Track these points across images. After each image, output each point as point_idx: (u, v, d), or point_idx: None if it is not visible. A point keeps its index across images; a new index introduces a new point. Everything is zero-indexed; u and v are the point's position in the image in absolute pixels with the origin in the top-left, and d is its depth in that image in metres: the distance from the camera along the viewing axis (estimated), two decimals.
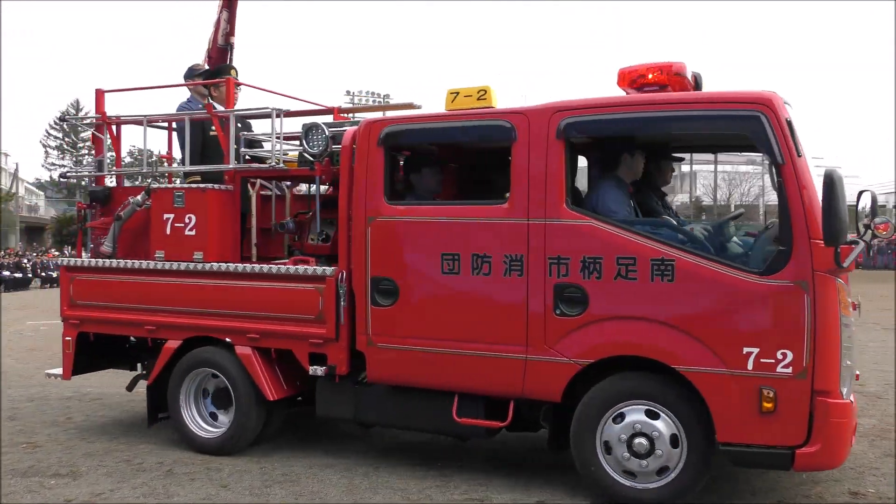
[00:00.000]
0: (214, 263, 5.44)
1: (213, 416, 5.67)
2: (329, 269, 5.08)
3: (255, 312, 5.33)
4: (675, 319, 4.21)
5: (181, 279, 5.55)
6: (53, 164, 61.03)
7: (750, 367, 4.05)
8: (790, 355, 3.98)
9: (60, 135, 61.10)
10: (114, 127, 6.16)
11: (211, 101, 6.20)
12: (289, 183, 6.33)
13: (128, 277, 5.77)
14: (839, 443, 4.05)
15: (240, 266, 5.39)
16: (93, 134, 6.24)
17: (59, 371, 6.22)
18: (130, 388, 6.46)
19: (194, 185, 5.58)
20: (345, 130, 5.21)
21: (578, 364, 4.41)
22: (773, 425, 4.03)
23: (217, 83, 6.17)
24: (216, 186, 5.53)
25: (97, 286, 5.92)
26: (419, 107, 6.13)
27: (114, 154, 6.33)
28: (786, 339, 4.00)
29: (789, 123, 4.01)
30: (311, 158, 5.20)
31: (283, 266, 5.27)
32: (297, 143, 6.26)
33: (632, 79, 4.61)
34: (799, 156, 3.99)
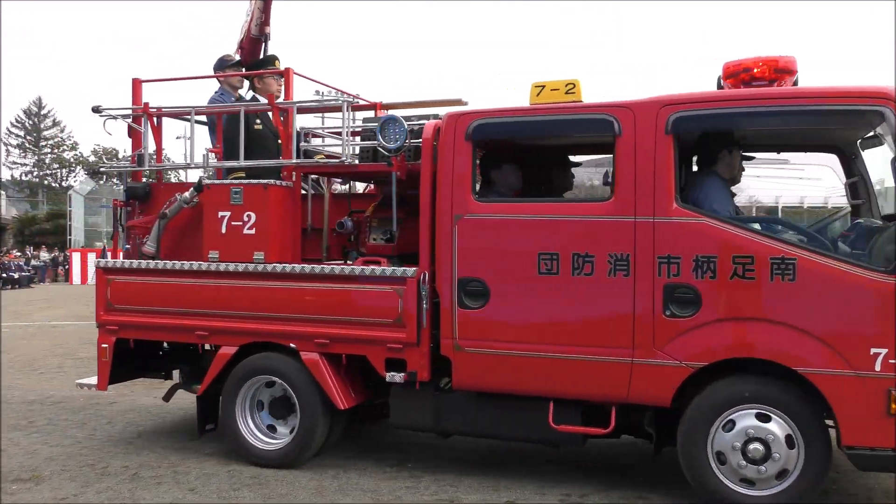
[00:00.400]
0: (282, 264, 5.11)
1: (271, 428, 5.32)
2: (410, 270, 4.80)
3: (324, 316, 5.01)
4: (797, 320, 4.08)
5: (239, 281, 5.20)
6: (15, 163, 58.78)
7: (878, 368, 3.94)
8: None
9: (22, 133, 58.74)
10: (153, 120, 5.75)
11: (254, 93, 5.87)
12: (339, 181, 6.04)
13: (177, 279, 5.38)
14: None
15: (312, 267, 5.07)
16: (129, 126, 5.80)
17: (92, 381, 5.78)
18: (168, 398, 6.05)
19: (255, 182, 5.23)
20: (422, 124, 4.96)
21: (690, 367, 4.24)
22: None
23: (261, 74, 5.83)
24: (279, 183, 5.19)
25: (139, 289, 5.51)
26: (466, 103, 5.92)
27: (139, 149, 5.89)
28: None
29: None
30: (388, 154, 4.91)
31: (359, 267, 4.97)
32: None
33: (736, 73, 4.47)
34: None
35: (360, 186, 6.39)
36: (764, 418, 4.17)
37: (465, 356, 4.69)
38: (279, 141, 5.74)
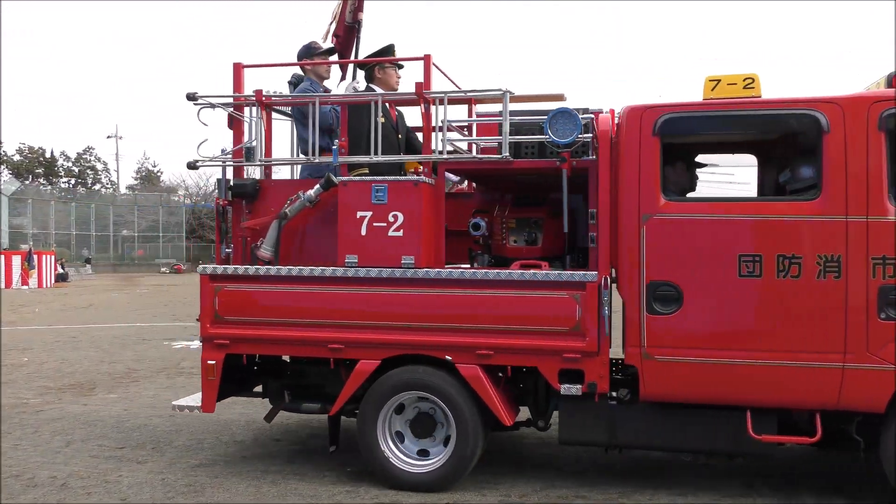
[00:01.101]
0: (445, 269, 4.68)
1: (422, 453, 4.86)
2: (591, 274, 4.47)
3: (488, 325, 4.61)
4: None
5: (385, 288, 4.72)
6: None
7: None
8: None
9: None
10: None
11: (371, 85, 5.39)
12: (457, 179, 5.62)
13: (305, 287, 4.83)
14: None
15: (474, 273, 4.66)
16: (231, 115, 5.17)
17: (193, 402, 5.14)
18: (270, 418, 5.44)
19: (403, 178, 4.75)
20: (590, 118, 4.64)
21: None
22: None
23: (385, 62, 5.33)
24: (427, 180, 4.73)
25: (257, 298, 4.93)
26: (566, 98, 5.65)
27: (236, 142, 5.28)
28: None
29: None
30: (558, 149, 4.56)
31: (530, 272, 4.59)
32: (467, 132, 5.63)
33: None
34: None
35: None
36: None
37: (656, 365, 4.40)
38: (399, 136, 5.32)
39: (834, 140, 4.19)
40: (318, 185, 4.91)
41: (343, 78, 5.94)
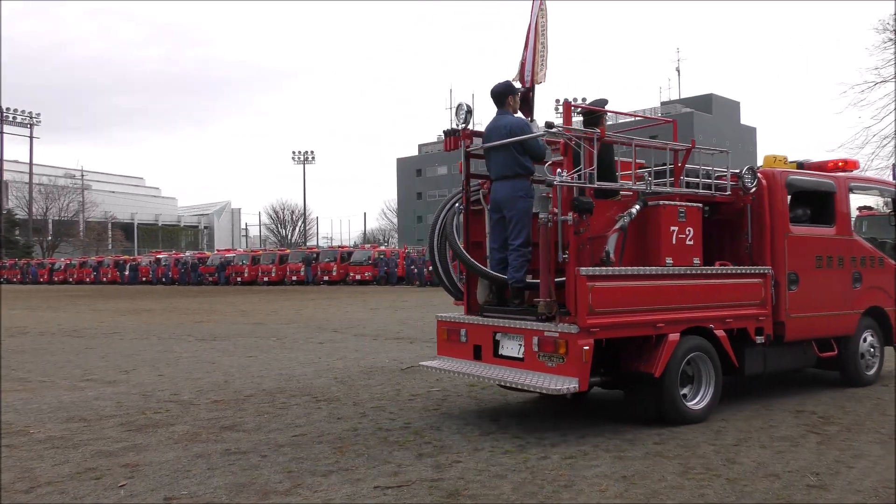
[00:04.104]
0: (713, 267, 7.17)
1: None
2: (767, 269, 7.46)
3: (728, 302, 7.15)
4: None
5: (685, 281, 6.75)
6: None
7: None
8: None
9: None
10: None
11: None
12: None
13: (647, 283, 6.50)
14: None
15: (728, 269, 7.20)
16: (566, 144, 6.25)
17: (572, 384, 6.00)
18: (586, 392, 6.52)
19: (693, 205, 6.87)
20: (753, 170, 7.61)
21: None
22: None
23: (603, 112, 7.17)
24: (703, 206, 7.05)
25: (616, 292, 6.30)
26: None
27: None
28: None
29: None
30: (746, 192, 7.41)
31: (743, 268, 7.37)
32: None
33: None
34: None
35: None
36: None
37: (792, 320, 7.66)
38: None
39: (840, 198, 8.28)
40: (636, 206, 6.56)
41: (532, 118, 7.30)
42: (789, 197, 7.92)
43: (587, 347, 6.07)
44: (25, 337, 15.62)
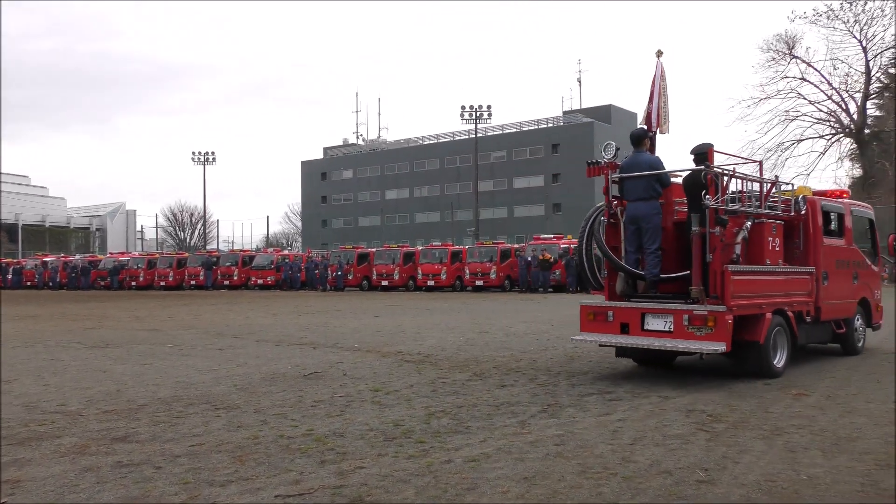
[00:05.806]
0: (783, 266, 10.07)
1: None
2: (811, 268, 10.31)
3: (792, 291, 10.03)
4: None
5: (776, 276, 9.68)
6: None
7: None
8: None
9: None
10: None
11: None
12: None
13: (765, 277, 9.45)
14: None
15: (790, 268, 10.28)
16: (709, 178, 8.74)
17: (721, 346, 8.46)
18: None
19: (778, 221, 9.78)
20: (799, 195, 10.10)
21: None
22: None
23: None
24: (781, 221, 9.93)
25: (748, 282, 8.98)
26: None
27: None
28: None
29: None
30: (798, 212, 10.29)
31: (799, 267, 10.31)
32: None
33: None
34: None
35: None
36: None
37: (825, 305, 10.50)
38: None
39: (847, 218, 10.54)
40: (748, 223, 9.17)
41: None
42: (821, 217, 10.65)
43: (730, 321, 8.54)
44: None
